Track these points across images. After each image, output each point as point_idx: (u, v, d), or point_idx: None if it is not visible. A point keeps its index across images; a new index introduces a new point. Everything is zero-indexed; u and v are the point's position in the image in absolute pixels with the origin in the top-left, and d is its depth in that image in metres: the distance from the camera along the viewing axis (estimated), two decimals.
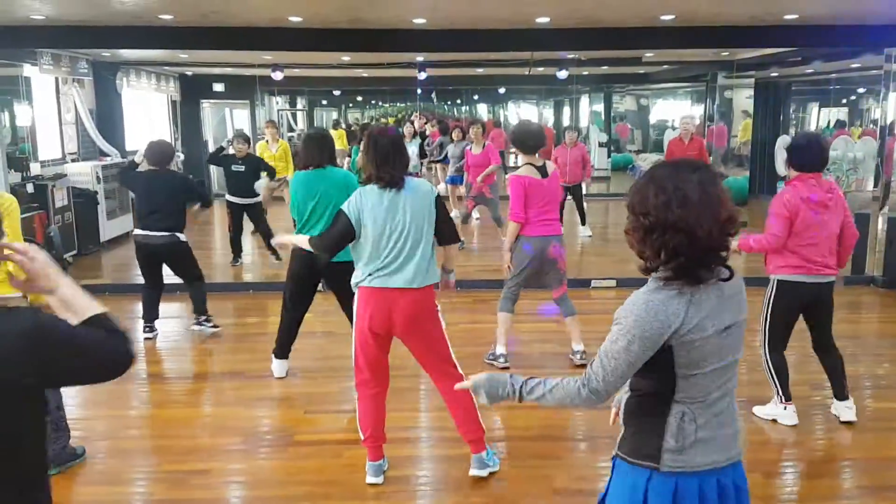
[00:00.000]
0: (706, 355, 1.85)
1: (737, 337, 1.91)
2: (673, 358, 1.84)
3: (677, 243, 1.78)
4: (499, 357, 5.17)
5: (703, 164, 1.91)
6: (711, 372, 1.87)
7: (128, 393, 4.92)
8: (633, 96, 20.92)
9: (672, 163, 1.91)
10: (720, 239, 1.81)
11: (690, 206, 1.77)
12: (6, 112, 9.41)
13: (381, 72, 14.82)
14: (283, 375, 5.06)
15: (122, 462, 3.97)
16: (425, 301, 3.44)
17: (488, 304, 5.93)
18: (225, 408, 4.74)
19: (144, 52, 10.99)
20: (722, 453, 1.92)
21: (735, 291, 1.91)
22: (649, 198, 1.82)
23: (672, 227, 1.78)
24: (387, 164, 3.36)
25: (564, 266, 5.13)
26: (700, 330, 1.82)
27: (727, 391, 1.94)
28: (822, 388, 4.73)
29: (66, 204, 8.83)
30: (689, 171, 1.83)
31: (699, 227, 1.77)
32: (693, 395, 1.89)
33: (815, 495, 3.62)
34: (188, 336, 6.15)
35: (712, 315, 1.84)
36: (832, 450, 4.12)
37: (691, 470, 1.89)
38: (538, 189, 4.90)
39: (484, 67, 13.94)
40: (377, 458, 3.64)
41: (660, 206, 1.79)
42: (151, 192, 5.66)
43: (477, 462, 3.61)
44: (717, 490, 1.92)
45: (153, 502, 3.58)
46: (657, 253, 1.82)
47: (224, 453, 4.04)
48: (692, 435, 1.89)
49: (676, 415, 1.89)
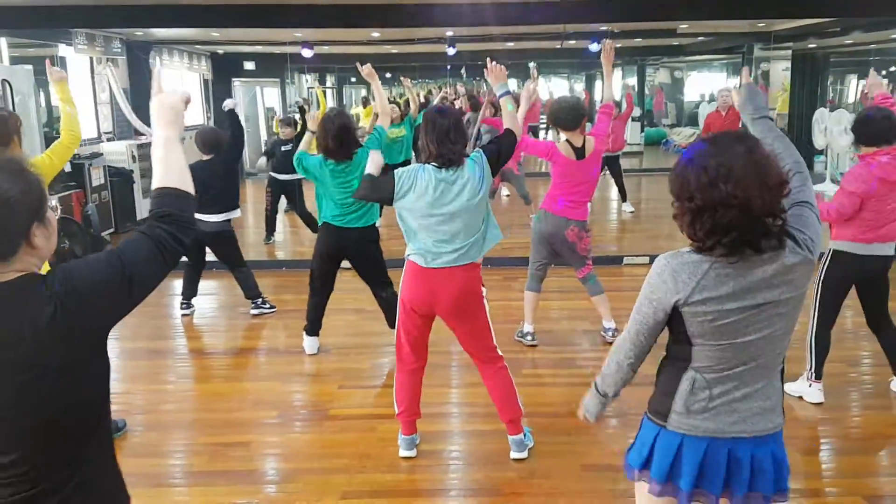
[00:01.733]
0: (721, 330, 1.86)
1: (776, 315, 1.87)
2: (684, 325, 1.90)
3: (731, 218, 1.75)
4: (526, 335, 5.17)
5: (741, 133, 1.88)
6: (730, 345, 1.87)
7: (166, 368, 5.03)
8: (667, 69, 20.57)
9: (709, 140, 1.87)
10: (773, 204, 1.77)
11: (737, 178, 1.74)
12: (42, 92, 9.56)
13: (411, 48, 14.74)
14: (315, 352, 5.12)
15: (161, 435, 4.07)
16: (470, 283, 3.42)
17: (519, 282, 5.93)
18: (260, 382, 4.82)
19: (177, 31, 11.08)
20: (741, 425, 1.93)
21: (784, 269, 1.84)
22: (691, 181, 1.79)
23: (722, 203, 1.75)
24: (447, 141, 3.30)
25: (585, 250, 4.97)
26: (713, 304, 1.83)
27: (762, 365, 1.92)
28: (858, 364, 4.67)
29: (103, 182, 8.98)
30: (728, 143, 1.80)
31: (751, 198, 1.73)
32: (709, 366, 1.92)
33: (850, 472, 3.59)
34: (224, 313, 6.25)
35: (738, 292, 1.83)
36: (869, 427, 4.07)
37: (698, 434, 1.94)
38: (568, 168, 4.78)
39: (514, 41, 13.80)
40: (410, 433, 3.68)
41: (704, 186, 1.77)
42: (208, 181, 5.46)
43: (516, 445, 3.64)
44: (727, 458, 1.93)
45: (192, 474, 3.67)
46: (710, 233, 1.79)
47: (261, 426, 4.12)
48: (703, 402, 1.93)
49: (688, 380, 1.95)
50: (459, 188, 3.31)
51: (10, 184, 1.46)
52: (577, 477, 3.50)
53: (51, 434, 1.52)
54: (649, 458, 2.02)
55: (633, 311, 1.99)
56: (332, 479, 3.51)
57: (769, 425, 1.96)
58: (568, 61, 19.76)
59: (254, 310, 6.03)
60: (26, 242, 1.49)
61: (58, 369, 1.48)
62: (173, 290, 6.87)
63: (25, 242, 1.49)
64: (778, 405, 1.98)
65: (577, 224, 4.86)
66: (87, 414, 1.58)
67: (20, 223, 1.48)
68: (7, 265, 1.48)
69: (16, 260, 1.49)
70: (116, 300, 1.55)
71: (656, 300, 1.90)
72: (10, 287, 1.48)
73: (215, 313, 6.31)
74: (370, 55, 17.37)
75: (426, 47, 14.08)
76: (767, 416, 1.95)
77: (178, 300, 6.14)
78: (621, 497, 3.33)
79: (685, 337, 1.92)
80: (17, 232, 1.48)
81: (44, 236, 1.52)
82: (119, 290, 1.54)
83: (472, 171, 3.34)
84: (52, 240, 1.57)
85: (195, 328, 5.95)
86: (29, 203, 1.49)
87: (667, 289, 1.87)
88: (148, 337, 5.58)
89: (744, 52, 14.16)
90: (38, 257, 1.54)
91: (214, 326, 6.03)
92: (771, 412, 1.96)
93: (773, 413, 1.97)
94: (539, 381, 4.60)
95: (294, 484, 3.50)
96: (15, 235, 1.47)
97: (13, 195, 1.46)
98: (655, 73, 20.40)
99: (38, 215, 1.51)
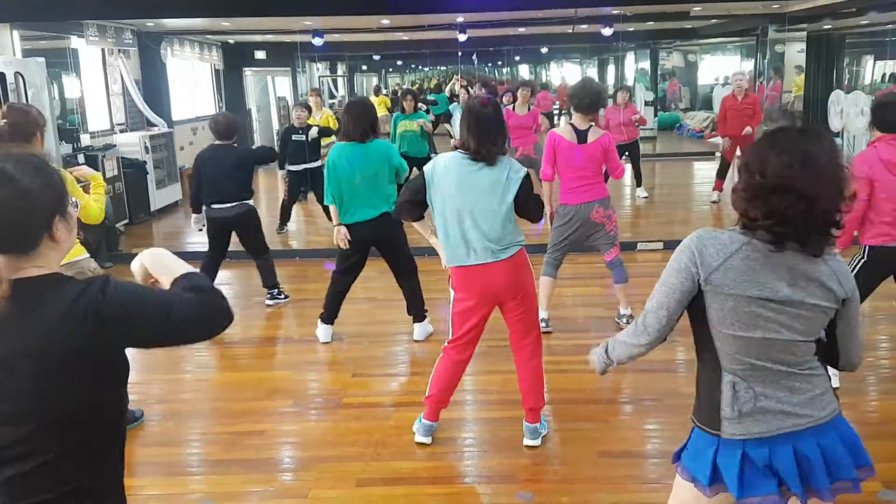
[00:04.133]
0: (739, 317, 1.82)
1: (797, 316, 1.83)
2: (705, 306, 1.86)
3: (797, 210, 1.72)
4: (540, 321, 5.13)
5: (828, 135, 1.83)
6: (753, 341, 1.84)
7: (181, 358, 5.06)
8: (681, 53, 20.37)
9: (799, 128, 1.82)
10: (836, 212, 1.74)
11: (817, 170, 1.70)
12: (55, 84, 9.60)
13: (422, 34, 14.67)
14: (328, 340, 5.13)
15: (177, 424, 4.10)
16: (516, 269, 3.42)
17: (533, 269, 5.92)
18: (275, 371, 4.85)
19: (187, 22, 11.08)
20: (794, 419, 1.88)
21: (819, 273, 1.82)
22: (770, 157, 1.75)
23: (794, 190, 1.71)
24: (488, 140, 3.28)
25: (614, 228, 4.95)
26: (734, 286, 1.80)
27: (793, 364, 1.88)
28: (875, 348, 4.63)
29: (117, 174, 9.01)
30: (817, 136, 1.77)
31: (823, 195, 1.70)
32: (740, 362, 1.87)
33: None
34: (239, 302, 6.28)
35: (762, 280, 1.80)
36: (887, 412, 4.03)
37: (754, 437, 1.88)
38: (569, 152, 4.74)
39: (526, 26, 13.71)
40: (432, 419, 3.67)
41: (780, 166, 1.72)
42: (219, 165, 5.60)
43: (531, 432, 3.63)
44: (794, 458, 1.88)
45: (209, 462, 3.70)
46: (768, 215, 1.75)
47: (276, 415, 4.14)
48: (750, 403, 1.88)
49: (728, 383, 1.90)
50: (489, 182, 3.30)
51: (32, 177, 1.48)
52: (593, 463, 3.50)
53: (67, 435, 1.52)
54: (715, 473, 1.94)
55: (657, 287, 1.94)
56: (348, 467, 3.52)
57: (822, 413, 1.90)
58: (580, 46, 19.59)
59: (269, 300, 6.04)
60: (48, 236, 1.51)
61: (80, 371, 1.49)
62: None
63: (48, 236, 1.51)
64: (827, 392, 1.93)
65: (598, 203, 4.82)
66: (102, 418, 1.59)
67: (42, 216, 1.50)
68: (29, 259, 1.49)
69: (37, 255, 1.50)
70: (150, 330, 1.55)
71: (683, 269, 1.86)
72: (38, 285, 1.50)
73: (230, 303, 6.33)
74: (381, 42, 17.34)
75: (437, 34, 14.00)
76: (818, 404, 1.91)
77: None
78: (637, 483, 3.33)
79: (708, 331, 1.89)
80: (40, 225, 1.50)
81: (66, 230, 1.55)
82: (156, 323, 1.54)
83: (506, 178, 3.31)
84: (74, 234, 1.59)
85: None
86: (50, 197, 1.51)
87: (693, 260, 1.85)
88: None
89: (758, 34, 13.98)
90: (59, 251, 1.55)
91: None
92: (821, 399, 1.91)
93: (824, 399, 1.92)
94: (554, 367, 4.59)
95: (309, 472, 3.51)
96: (37, 228, 1.49)
97: (34, 188, 1.48)
98: (668, 56, 20.20)
99: (59, 209, 1.53)
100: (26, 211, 1.48)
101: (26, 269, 1.50)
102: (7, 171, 1.47)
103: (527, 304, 3.51)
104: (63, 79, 9.68)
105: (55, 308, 1.47)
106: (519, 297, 3.46)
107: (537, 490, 3.30)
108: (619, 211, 9.47)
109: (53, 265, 1.55)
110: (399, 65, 27.09)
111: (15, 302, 1.46)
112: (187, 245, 8.72)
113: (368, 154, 4.66)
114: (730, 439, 1.91)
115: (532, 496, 3.25)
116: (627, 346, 2.05)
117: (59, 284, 1.51)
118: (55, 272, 1.54)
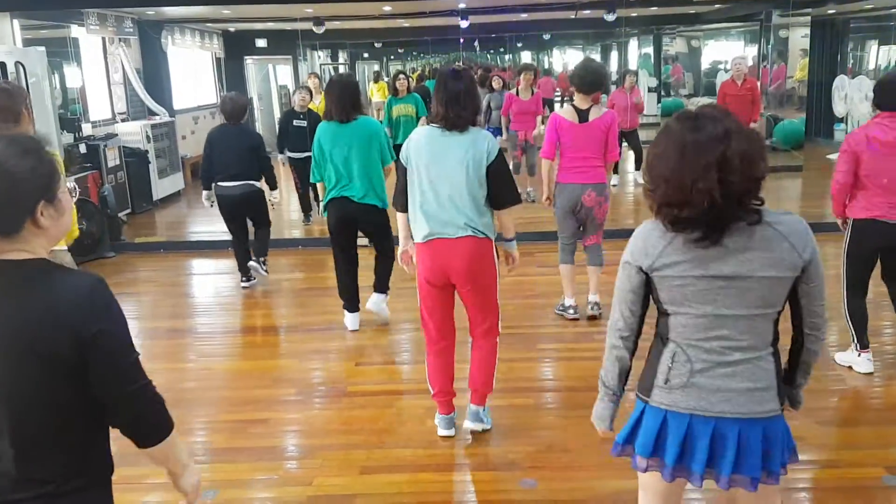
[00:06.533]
0: (688, 297, 1.86)
1: (747, 290, 1.83)
2: (655, 290, 1.91)
3: (687, 215, 1.78)
4: (568, 308, 5.09)
5: (698, 118, 1.81)
6: (704, 317, 1.86)
7: (185, 346, 5.07)
8: (684, 38, 20.23)
9: (673, 122, 1.86)
10: (705, 189, 1.73)
11: (668, 158, 1.78)
12: (56, 74, 9.57)
13: (423, 21, 14.59)
14: (356, 328, 5.10)
15: (181, 412, 4.10)
16: (478, 258, 3.35)
17: (534, 257, 5.91)
18: (279, 360, 4.86)
19: (188, 10, 11.03)
20: (725, 405, 1.88)
21: (760, 246, 1.81)
22: (650, 173, 1.85)
23: (672, 203, 1.79)
24: (457, 104, 3.23)
25: (602, 216, 4.92)
26: (677, 268, 1.84)
27: (744, 346, 1.87)
28: (879, 334, 4.62)
29: (119, 163, 9.01)
30: (673, 125, 1.83)
31: (693, 200, 1.75)
32: (687, 336, 1.90)
33: (873, 443, 3.56)
34: (242, 292, 6.29)
35: (702, 259, 1.82)
36: (890, 397, 4.03)
37: (679, 410, 1.92)
38: (570, 132, 4.72)
39: (528, 12, 13.62)
40: (447, 412, 3.65)
41: (655, 181, 1.82)
42: (229, 144, 5.76)
43: (473, 415, 3.58)
44: (710, 434, 1.89)
45: (214, 451, 3.71)
46: (672, 224, 1.83)
47: (280, 404, 4.15)
48: (684, 376, 1.91)
49: (669, 352, 1.94)
50: (459, 151, 3.24)
51: (19, 159, 1.45)
52: (597, 451, 3.49)
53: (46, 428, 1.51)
54: (633, 434, 2.01)
55: (616, 284, 2.01)
56: (352, 455, 3.53)
57: (758, 408, 1.88)
58: (583, 31, 19.47)
59: (253, 263, 6.08)
60: (31, 221, 1.47)
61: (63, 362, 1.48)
62: (190, 269, 6.93)
63: (31, 221, 1.47)
64: (771, 389, 1.90)
65: (592, 188, 4.79)
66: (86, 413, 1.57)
67: (25, 200, 1.46)
68: (11, 243, 1.47)
69: (20, 238, 1.47)
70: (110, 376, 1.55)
71: (629, 264, 1.93)
72: (23, 269, 1.47)
73: (233, 292, 6.34)
74: (382, 29, 17.25)
75: (438, 20, 13.94)
76: (756, 399, 1.88)
77: (196, 280, 6.19)
78: None
79: (661, 307, 1.94)
80: (22, 209, 1.46)
81: (51, 217, 1.50)
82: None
83: (479, 143, 3.27)
84: (62, 222, 1.55)
85: (212, 308, 5.99)
86: (37, 181, 1.48)
87: (637, 252, 1.91)
88: (167, 316, 5.63)
89: (762, 19, 13.86)
90: (45, 238, 1.52)
91: (233, 305, 6.06)
92: (761, 393, 1.88)
93: (764, 396, 1.89)
94: (560, 354, 4.60)
95: (314, 460, 3.53)
96: (19, 212, 1.46)
97: (19, 171, 1.45)
98: (672, 42, 20.07)
99: (46, 194, 1.49)
100: (6, 193, 1.43)
101: (7, 252, 1.47)
102: None
103: (483, 296, 3.45)
104: (64, 68, 9.64)
105: (44, 298, 1.45)
106: (474, 287, 3.40)
107: (541, 477, 3.31)
108: (622, 197, 9.47)
109: (40, 251, 1.52)
110: (400, 52, 26.96)
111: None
112: (189, 234, 8.72)
113: (352, 133, 4.65)
114: (653, 406, 1.96)
115: (535, 483, 3.26)
116: (612, 360, 2.07)
117: (46, 272, 1.49)
118: (40, 257, 1.51)
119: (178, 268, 7.09)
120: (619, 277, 1.98)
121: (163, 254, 7.50)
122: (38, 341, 1.45)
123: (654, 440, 1.95)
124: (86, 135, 9.05)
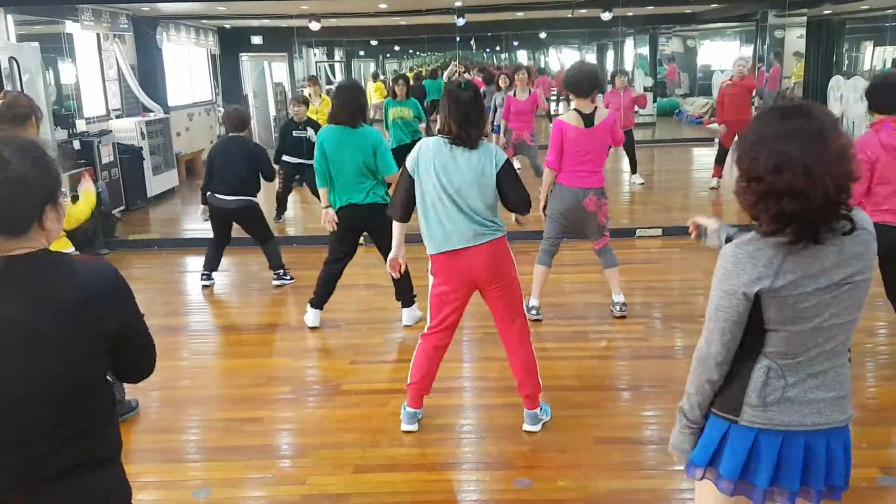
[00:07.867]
0: (801, 313, 1.74)
1: (849, 295, 1.77)
2: (761, 312, 1.76)
3: (792, 209, 1.64)
4: (531, 309, 5.07)
5: (811, 109, 1.70)
6: (811, 330, 1.77)
7: (178, 345, 5.05)
8: (680, 38, 20.28)
9: (778, 111, 1.73)
10: (837, 196, 1.64)
11: (796, 167, 1.62)
12: (51, 70, 9.53)
13: (419, 19, 14.59)
14: (316, 325, 5.11)
15: (175, 411, 4.09)
16: (496, 257, 3.40)
17: (529, 256, 5.90)
18: (273, 358, 4.84)
19: (183, 6, 11.00)
20: (816, 417, 1.82)
21: (858, 247, 1.75)
22: (759, 160, 1.67)
23: (786, 192, 1.63)
24: (469, 123, 3.29)
25: (604, 219, 4.92)
26: (796, 287, 1.72)
27: (833, 353, 1.82)
28: (874, 335, 4.63)
29: (113, 160, 8.97)
30: (796, 121, 1.67)
31: (812, 191, 1.61)
32: (784, 351, 1.81)
33: (866, 443, 3.56)
34: (236, 290, 6.27)
35: (819, 272, 1.72)
36: (884, 398, 4.03)
37: (774, 428, 1.83)
38: (577, 138, 4.70)
39: (524, 11, 13.62)
40: (416, 406, 3.67)
41: (771, 169, 1.65)
42: (230, 158, 5.80)
43: (531, 418, 3.63)
44: (804, 452, 1.84)
45: (207, 449, 3.70)
46: (773, 220, 1.68)
47: (274, 402, 4.13)
48: (778, 392, 1.82)
49: (762, 370, 1.83)
50: (471, 165, 3.30)
51: (29, 166, 1.56)
52: (591, 450, 3.50)
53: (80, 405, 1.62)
54: (716, 456, 1.90)
55: (709, 313, 1.85)
56: (345, 454, 3.52)
57: (841, 416, 1.86)
58: (579, 31, 19.50)
59: (276, 281, 6.13)
60: (38, 223, 1.58)
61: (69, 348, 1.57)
62: (185, 266, 6.91)
63: (37, 223, 1.58)
64: (849, 394, 1.89)
65: (594, 192, 4.78)
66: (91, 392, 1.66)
67: (35, 204, 1.57)
68: (18, 242, 1.56)
69: (27, 238, 1.57)
70: None
71: (736, 290, 1.75)
72: (31, 260, 1.57)
73: (228, 290, 6.32)
74: (378, 27, 17.23)
75: (435, 18, 13.94)
76: (840, 407, 1.86)
77: (189, 277, 6.16)
78: (634, 469, 3.33)
79: (759, 324, 1.80)
80: (32, 212, 1.57)
81: (55, 219, 1.62)
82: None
83: (489, 155, 3.33)
84: (62, 223, 1.67)
85: (208, 305, 5.96)
86: (45, 186, 1.59)
87: (747, 276, 1.74)
88: (161, 314, 5.60)
89: (757, 19, 13.91)
90: (45, 238, 1.63)
91: (227, 303, 6.05)
92: (843, 401, 1.86)
93: (845, 402, 1.87)
94: (552, 354, 4.59)
95: (307, 458, 3.51)
96: (29, 215, 1.57)
97: (31, 176, 1.56)
98: (668, 42, 20.11)
99: (51, 198, 1.61)
100: (19, 196, 1.55)
101: (14, 250, 1.57)
102: (4, 157, 1.54)
103: (509, 291, 3.48)
104: (58, 64, 9.60)
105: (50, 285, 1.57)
106: (500, 285, 3.44)
107: (535, 476, 3.30)
108: (618, 197, 9.47)
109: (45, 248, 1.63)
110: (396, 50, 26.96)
111: (6, 276, 1.54)
112: (183, 232, 8.70)
113: (357, 139, 4.64)
114: (743, 425, 1.86)
115: (530, 483, 3.25)
116: (704, 394, 1.92)
117: (57, 262, 1.61)
118: (44, 248, 1.62)
119: (171, 265, 7.07)
120: (719, 307, 1.80)
121: (157, 251, 7.48)
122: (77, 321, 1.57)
123: (744, 462, 1.85)
124: (80, 131, 9.02)
